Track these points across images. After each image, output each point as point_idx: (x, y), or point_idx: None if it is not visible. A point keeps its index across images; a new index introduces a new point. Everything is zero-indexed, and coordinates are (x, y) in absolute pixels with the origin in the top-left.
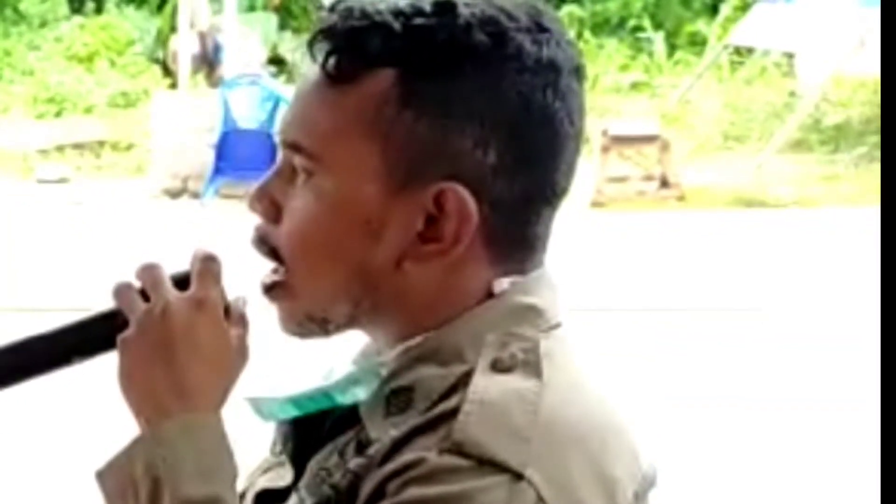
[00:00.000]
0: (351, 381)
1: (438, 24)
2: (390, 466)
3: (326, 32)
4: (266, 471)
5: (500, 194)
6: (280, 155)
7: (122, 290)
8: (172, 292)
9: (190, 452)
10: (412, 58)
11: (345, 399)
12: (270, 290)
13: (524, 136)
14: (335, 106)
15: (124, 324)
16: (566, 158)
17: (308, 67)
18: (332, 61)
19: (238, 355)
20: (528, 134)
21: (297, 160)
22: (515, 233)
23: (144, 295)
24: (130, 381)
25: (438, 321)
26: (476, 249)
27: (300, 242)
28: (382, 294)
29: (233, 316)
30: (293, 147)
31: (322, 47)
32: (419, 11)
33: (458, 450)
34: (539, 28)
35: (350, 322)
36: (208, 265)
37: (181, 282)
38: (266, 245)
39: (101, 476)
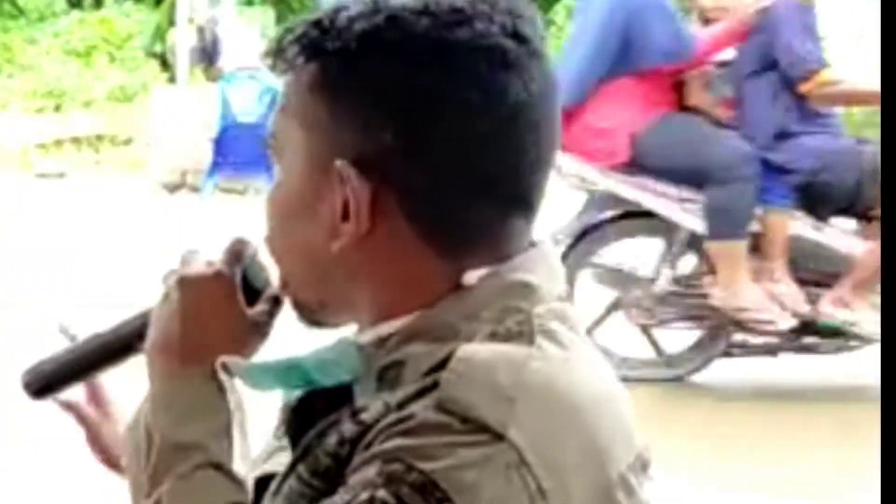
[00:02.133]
0: (324, 358)
1: (356, 16)
2: (382, 423)
3: (287, 29)
4: (270, 455)
5: (413, 179)
6: None
7: (168, 276)
8: (193, 268)
9: (173, 402)
10: (329, 48)
11: (327, 380)
12: None
13: (422, 118)
14: (283, 96)
15: None
16: (493, 145)
17: None
18: (283, 54)
19: (250, 330)
20: (427, 117)
21: None
22: (452, 221)
23: None
24: (148, 347)
25: (409, 307)
26: (402, 232)
27: (269, 228)
28: (334, 277)
29: (265, 294)
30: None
31: (282, 42)
32: (352, 8)
33: (442, 406)
34: (453, 11)
35: (323, 308)
36: (234, 245)
37: None
38: None
39: (124, 439)
